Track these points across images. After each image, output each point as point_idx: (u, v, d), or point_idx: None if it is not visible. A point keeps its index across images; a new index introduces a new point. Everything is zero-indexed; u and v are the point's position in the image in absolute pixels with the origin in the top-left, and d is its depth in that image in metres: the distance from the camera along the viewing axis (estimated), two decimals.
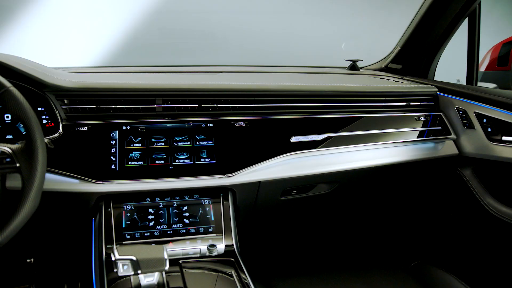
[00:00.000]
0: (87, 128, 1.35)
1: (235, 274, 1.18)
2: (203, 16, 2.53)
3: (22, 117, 1.02)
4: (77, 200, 1.34)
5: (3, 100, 1.01)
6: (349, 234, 2.15)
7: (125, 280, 1.12)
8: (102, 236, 1.26)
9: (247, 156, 1.43)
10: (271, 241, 2.03)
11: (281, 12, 2.58)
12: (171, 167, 1.36)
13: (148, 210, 1.33)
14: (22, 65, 1.26)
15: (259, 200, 1.52)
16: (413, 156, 1.68)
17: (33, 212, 1.01)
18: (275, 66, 2.08)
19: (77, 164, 1.30)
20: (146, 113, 1.41)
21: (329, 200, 1.74)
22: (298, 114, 1.54)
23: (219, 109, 1.46)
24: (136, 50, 2.47)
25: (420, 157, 1.69)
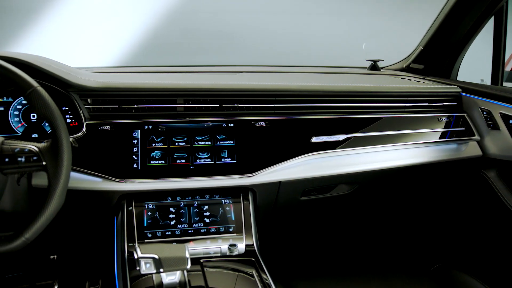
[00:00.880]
0: (110, 127, 1.36)
1: (256, 274, 1.18)
2: (221, 16, 2.53)
3: (48, 117, 1.04)
4: (99, 199, 1.35)
5: (31, 100, 1.03)
6: (369, 236, 2.13)
7: (147, 278, 1.13)
8: (124, 234, 1.27)
9: (268, 156, 1.43)
10: (290, 242, 2.02)
11: (300, 12, 2.57)
12: (192, 166, 1.37)
13: (169, 209, 1.34)
14: (48, 65, 1.28)
15: (279, 200, 1.52)
16: (435, 157, 1.66)
17: (59, 209, 1.02)
18: (295, 66, 2.07)
19: (100, 163, 1.32)
20: (168, 112, 1.42)
21: (350, 201, 1.72)
22: (319, 114, 1.53)
23: (239, 109, 1.46)
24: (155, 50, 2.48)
25: (443, 158, 1.67)
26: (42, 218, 1.00)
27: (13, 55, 1.22)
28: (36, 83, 1.04)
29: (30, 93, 1.03)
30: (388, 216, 2.07)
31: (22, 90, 1.03)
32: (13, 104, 1.36)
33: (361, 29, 2.57)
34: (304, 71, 1.91)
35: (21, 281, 1.73)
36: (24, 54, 1.28)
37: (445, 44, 1.96)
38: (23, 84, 1.03)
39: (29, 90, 1.03)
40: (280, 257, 1.90)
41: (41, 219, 1.00)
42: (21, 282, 1.73)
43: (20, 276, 1.74)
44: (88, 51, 2.38)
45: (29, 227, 0.99)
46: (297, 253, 2.01)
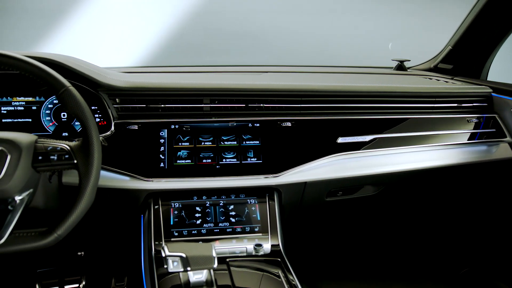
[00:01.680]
0: (137, 126, 1.38)
1: (282, 274, 1.18)
2: (244, 17, 2.54)
3: (80, 116, 1.06)
4: (127, 197, 1.38)
5: (63, 99, 1.05)
6: (395, 238, 2.10)
7: (174, 276, 1.14)
8: (151, 232, 1.29)
9: (294, 156, 1.42)
10: (315, 242, 2.01)
11: (324, 11, 2.55)
12: (218, 166, 1.38)
13: (195, 208, 1.35)
14: (78, 65, 1.31)
15: (305, 201, 1.51)
16: (464, 159, 1.62)
17: (89, 207, 1.04)
18: (320, 66, 2.06)
19: (127, 162, 1.34)
20: (194, 112, 1.43)
21: (376, 203, 1.70)
22: (345, 115, 1.52)
23: (265, 109, 1.46)
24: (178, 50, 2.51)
25: (472, 160, 1.63)
26: (74, 215, 1.02)
27: (46, 55, 1.24)
28: (68, 83, 1.07)
29: (63, 93, 1.05)
30: (415, 219, 2.04)
31: (54, 89, 1.06)
32: (44, 104, 1.39)
33: (387, 29, 2.54)
34: (329, 71, 1.90)
35: (51, 276, 1.77)
36: (55, 54, 1.31)
37: (475, 43, 1.92)
38: (56, 84, 1.05)
39: (61, 89, 1.05)
40: (305, 258, 1.90)
41: (72, 216, 1.02)
42: (51, 277, 1.77)
43: (49, 271, 1.79)
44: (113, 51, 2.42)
45: (61, 223, 1.01)
46: (322, 254, 2.00)
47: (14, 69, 1.04)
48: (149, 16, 2.45)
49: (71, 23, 2.29)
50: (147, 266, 1.22)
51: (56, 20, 2.27)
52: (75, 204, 1.03)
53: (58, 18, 2.27)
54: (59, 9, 2.29)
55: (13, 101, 1.37)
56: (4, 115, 1.36)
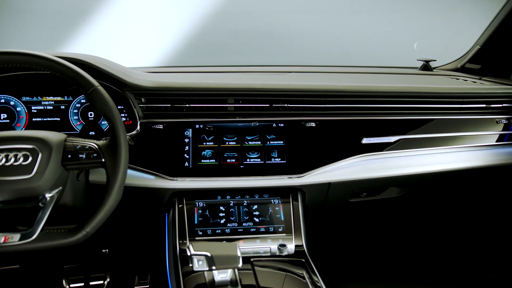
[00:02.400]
0: (163, 126, 1.40)
1: (307, 276, 1.18)
2: (266, 17, 2.53)
3: (108, 115, 1.08)
4: (152, 195, 1.39)
5: (92, 99, 1.07)
6: (420, 241, 2.07)
7: (199, 274, 1.14)
8: (176, 231, 1.30)
9: (318, 156, 1.42)
10: (339, 243, 1.99)
11: (349, 11, 2.53)
12: (242, 166, 1.38)
13: (219, 208, 1.36)
14: (106, 65, 1.33)
15: (328, 202, 1.50)
16: (493, 161, 1.59)
17: (116, 205, 1.06)
18: (345, 66, 2.04)
19: (152, 160, 1.36)
20: (218, 112, 1.44)
21: (400, 204, 1.68)
22: (370, 115, 1.51)
23: (289, 109, 1.46)
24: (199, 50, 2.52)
25: (501, 162, 1.59)
26: (102, 213, 1.04)
27: (75, 56, 1.27)
28: (97, 83, 1.08)
29: (91, 92, 1.07)
30: (440, 221, 2.00)
31: (83, 89, 1.08)
32: (72, 103, 1.42)
33: (412, 28, 2.50)
34: (353, 71, 1.88)
35: (77, 272, 1.80)
36: (83, 54, 1.34)
37: (505, 42, 1.87)
38: (85, 83, 1.07)
39: (90, 89, 1.07)
40: (328, 259, 1.88)
41: (100, 214, 1.03)
42: (77, 273, 1.80)
43: (75, 267, 1.82)
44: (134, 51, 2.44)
45: (89, 221, 1.03)
46: (346, 255, 1.98)
47: (45, 69, 1.06)
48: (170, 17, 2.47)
49: (93, 24, 2.33)
50: (172, 265, 1.23)
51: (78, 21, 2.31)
52: (103, 202, 1.04)
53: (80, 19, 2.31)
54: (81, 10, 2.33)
55: (43, 100, 1.40)
56: (34, 114, 1.39)
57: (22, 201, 1.04)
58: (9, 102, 1.38)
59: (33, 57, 1.03)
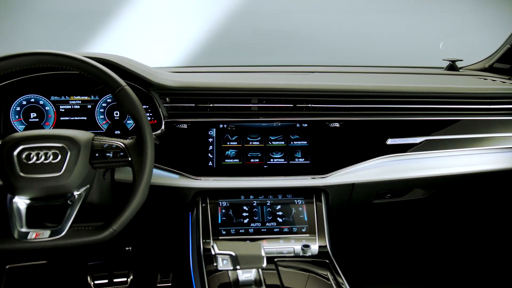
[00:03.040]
0: (187, 125, 1.41)
1: (331, 277, 1.17)
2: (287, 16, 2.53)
3: (134, 114, 1.09)
4: (175, 194, 1.40)
5: (119, 98, 1.09)
6: (445, 243, 2.03)
7: (223, 273, 1.15)
8: (200, 230, 1.31)
9: (342, 157, 1.41)
10: (363, 245, 1.98)
11: (373, 10, 2.50)
12: (266, 166, 1.38)
13: (243, 207, 1.36)
14: (132, 65, 1.34)
15: (352, 203, 1.49)
16: None
17: (142, 203, 1.07)
18: (369, 66, 2.02)
19: (176, 160, 1.37)
20: (242, 112, 1.44)
21: (425, 206, 1.66)
22: (395, 116, 1.49)
23: (313, 109, 1.45)
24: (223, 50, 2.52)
25: None
26: (128, 211, 1.05)
27: (103, 56, 1.29)
28: (124, 83, 1.10)
29: (119, 92, 1.09)
30: (466, 224, 1.96)
31: (111, 89, 1.09)
32: (99, 103, 1.44)
33: (438, 28, 2.46)
34: (377, 71, 1.86)
35: (101, 269, 1.83)
36: (109, 54, 1.36)
37: None
38: (112, 83, 1.09)
39: (118, 89, 1.09)
40: (352, 260, 1.87)
41: (127, 212, 1.05)
42: (101, 270, 1.83)
43: (100, 264, 1.85)
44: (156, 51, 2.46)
45: (116, 219, 1.05)
46: (369, 257, 1.96)
47: (74, 69, 1.08)
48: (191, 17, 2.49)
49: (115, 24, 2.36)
50: (196, 263, 1.24)
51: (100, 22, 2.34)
52: (129, 200, 1.06)
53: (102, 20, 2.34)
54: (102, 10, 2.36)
55: (70, 100, 1.43)
56: (62, 113, 1.42)
57: (52, 198, 1.07)
58: (39, 101, 1.41)
59: (64, 57, 1.05)
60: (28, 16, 2.23)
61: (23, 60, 1.03)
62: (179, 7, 2.49)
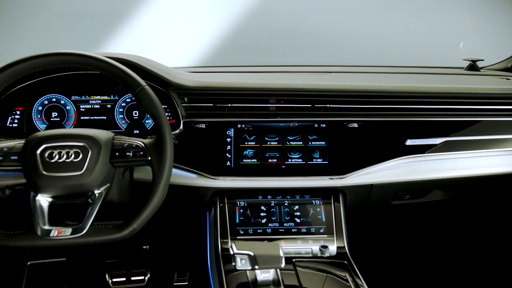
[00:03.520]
0: (205, 125, 1.41)
1: (350, 278, 1.16)
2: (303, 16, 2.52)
3: (154, 114, 1.10)
4: (193, 194, 1.41)
5: (139, 98, 1.10)
6: (465, 246, 1.99)
7: (241, 273, 1.15)
8: (218, 229, 1.31)
9: (360, 158, 1.40)
10: (380, 246, 1.96)
11: (391, 10, 2.48)
12: (284, 166, 1.38)
13: (260, 207, 1.36)
14: (151, 65, 1.35)
15: (370, 204, 1.48)
16: None
17: (162, 202, 1.08)
18: (387, 66, 2.00)
19: (195, 159, 1.38)
20: (260, 112, 1.44)
21: (445, 208, 1.64)
22: (414, 117, 1.47)
23: (332, 109, 1.44)
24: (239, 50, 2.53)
25: None
26: (148, 210, 1.06)
27: (123, 56, 1.30)
28: (144, 83, 1.11)
29: (139, 92, 1.10)
30: (487, 227, 1.93)
31: (131, 88, 1.10)
32: (118, 102, 1.46)
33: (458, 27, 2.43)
34: (396, 71, 1.84)
35: (119, 267, 1.85)
36: (128, 54, 1.37)
37: None
38: (133, 83, 1.10)
39: (138, 89, 1.10)
40: (370, 261, 1.85)
41: (146, 211, 1.06)
42: (119, 268, 1.85)
43: (118, 262, 1.87)
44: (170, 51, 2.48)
45: (136, 218, 1.06)
46: (388, 258, 1.94)
47: (95, 70, 1.09)
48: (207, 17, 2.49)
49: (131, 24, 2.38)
50: (214, 263, 1.25)
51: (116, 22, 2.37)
52: (149, 199, 1.06)
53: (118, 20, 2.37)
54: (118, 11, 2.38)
55: (91, 99, 1.45)
56: (83, 113, 1.44)
57: (73, 196, 1.08)
58: (60, 101, 1.43)
59: (86, 57, 1.07)
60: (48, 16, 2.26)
61: (46, 61, 1.05)
62: (194, 7, 2.50)
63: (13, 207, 1.39)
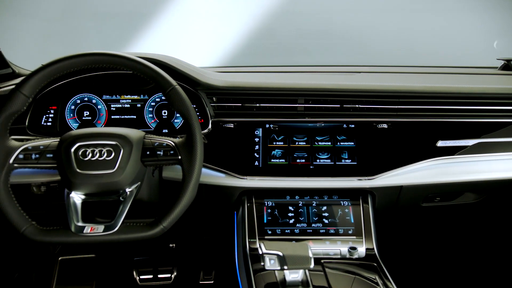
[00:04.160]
0: (233, 125, 1.42)
1: (380, 281, 1.14)
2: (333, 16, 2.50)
3: (185, 113, 1.10)
4: (221, 193, 1.41)
5: (170, 97, 1.11)
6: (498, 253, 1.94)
7: (269, 273, 1.15)
8: (246, 229, 1.31)
9: (389, 159, 1.38)
10: (409, 249, 1.93)
11: (421, 9, 2.44)
12: (312, 166, 1.37)
13: (288, 208, 1.36)
14: (181, 65, 1.37)
15: (399, 205, 1.46)
16: None
17: (192, 201, 1.09)
18: (417, 66, 1.96)
19: (223, 159, 1.38)
20: (288, 112, 1.44)
21: (477, 211, 1.60)
22: (446, 117, 1.44)
23: (361, 110, 1.43)
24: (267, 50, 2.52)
25: None
26: (178, 209, 1.07)
27: (154, 56, 1.32)
28: (175, 82, 1.12)
29: (170, 91, 1.11)
30: None
31: (162, 88, 1.11)
32: (148, 102, 1.48)
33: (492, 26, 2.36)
34: (428, 71, 1.80)
35: (146, 264, 1.88)
36: (159, 54, 1.39)
37: None
38: (164, 82, 1.11)
39: (169, 88, 1.11)
40: (399, 264, 1.82)
41: (177, 209, 1.07)
42: (146, 265, 1.88)
43: (145, 260, 1.90)
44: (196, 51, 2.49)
45: (166, 216, 1.07)
46: (417, 261, 1.91)
47: (128, 70, 1.11)
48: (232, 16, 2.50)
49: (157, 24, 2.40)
50: (242, 262, 1.25)
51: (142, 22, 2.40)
52: (179, 198, 1.07)
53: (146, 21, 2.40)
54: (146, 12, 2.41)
55: (121, 99, 1.47)
56: (113, 112, 1.46)
57: (105, 194, 1.10)
58: (91, 100, 1.46)
59: (119, 58, 1.09)
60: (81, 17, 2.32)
61: (82, 60, 1.07)
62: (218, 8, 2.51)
63: (48, 203, 1.43)
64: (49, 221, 1.12)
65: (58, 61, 1.08)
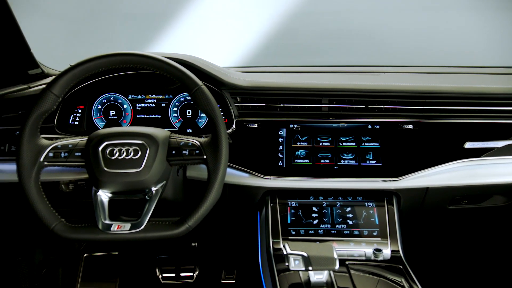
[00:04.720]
0: (257, 125, 1.42)
1: (406, 284, 1.13)
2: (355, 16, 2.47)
3: (210, 113, 1.11)
4: (245, 193, 1.42)
5: (196, 97, 1.11)
6: None
7: (294, 273, 1.14)
8: (269, 229, 1.31)
9: (415, 160, 1.36)
10: (435, 252, 1.89)
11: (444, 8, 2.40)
12: (336, 167, 1.36)
13: (312, 208, 1.35)
14: (206, 65, 1.38)
15: (425, 207, 1.43)
16: None
17: (217, 200, 1.09)
18: (442, 67, 1.93)
19: (247, 159, 1.38)
20: (312, 112, 1.43)
21: (506, 215, 1.56)
22: (474, 118, 1.41)
23: (386, 110, 1.41)
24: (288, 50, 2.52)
25: None
26: (203, 208, 1.07)
27: (180, 56, 1.33)
28: (201, 82, 1.12)
29: (196, 91, 1.11)
30: None
31: (188, 88, 1.12)
32: (172, 101, 1.49)
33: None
34: (453, 71, 1.77)
35: (168, 263, 1.90)
36: (184, 55, 1.40)
37: None
38: (190, 82, 1.12)
39: (195, 88, 1.11)
40: (425, 266, 1.80)
41: (202, 208, 1.07)
42: (168, 264, 1.89)
43: (167, 258, 1.91)
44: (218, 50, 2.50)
45: (191, 215, 1.07)
46: (444, 265, 1.88)
47: (154, 70, 1.12)
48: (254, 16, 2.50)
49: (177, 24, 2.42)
50: (265, 262, 1.25)
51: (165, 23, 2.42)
52: (204, 197, 1.08)
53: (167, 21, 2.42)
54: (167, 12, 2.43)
55: (146, 98, 1.49)
56: (139, 111, 1.48)
57: (131, 193, 1.12)
58: (117, 100, 1.48)
59: (146, 58, 1.10)
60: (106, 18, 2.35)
61: (110, 61, 1.09)
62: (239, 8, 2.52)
63: (76, 201, 1.46)
64: (77, 218, 1.14)
65: (87, 61, 1.09)
